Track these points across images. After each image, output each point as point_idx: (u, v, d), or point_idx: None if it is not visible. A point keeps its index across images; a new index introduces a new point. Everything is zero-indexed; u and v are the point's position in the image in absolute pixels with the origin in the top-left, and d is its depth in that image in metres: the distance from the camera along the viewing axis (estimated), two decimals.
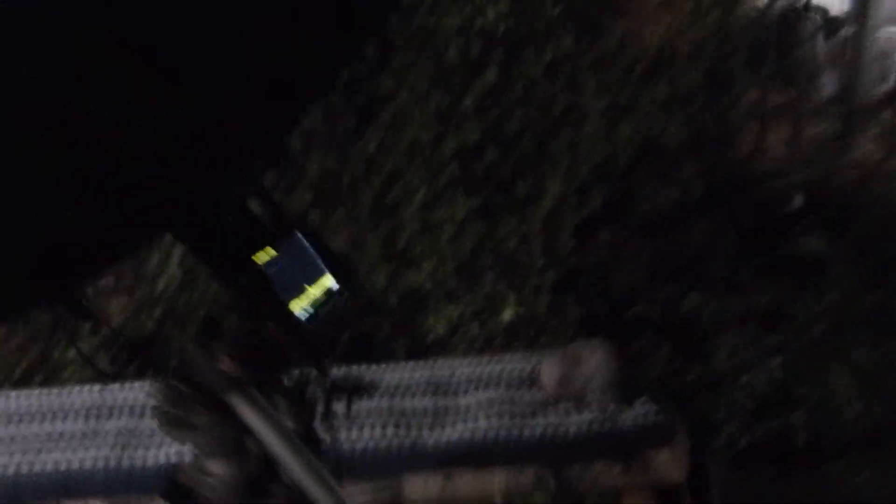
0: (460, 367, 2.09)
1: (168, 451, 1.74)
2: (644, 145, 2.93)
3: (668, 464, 1.74)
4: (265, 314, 0.75)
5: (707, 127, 3.03)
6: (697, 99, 2.99)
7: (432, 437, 1.74)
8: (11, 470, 1.64)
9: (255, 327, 0.75)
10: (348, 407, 1.90)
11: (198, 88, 0.72)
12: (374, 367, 2.12)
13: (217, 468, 0.85)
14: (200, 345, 0.71)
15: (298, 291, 0.78)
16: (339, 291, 0.85)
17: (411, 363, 2.14)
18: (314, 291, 0.80)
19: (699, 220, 3.04)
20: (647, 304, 2.98)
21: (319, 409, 1.90)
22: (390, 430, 1.76)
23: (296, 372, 2.05)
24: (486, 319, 3.04)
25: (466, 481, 1.74)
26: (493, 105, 2.96)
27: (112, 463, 1.68)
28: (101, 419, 1.86)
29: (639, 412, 1.79)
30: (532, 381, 1.98)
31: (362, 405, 1.91)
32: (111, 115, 0.65)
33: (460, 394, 1.94)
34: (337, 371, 2.09)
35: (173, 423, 0.79)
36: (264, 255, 0.76)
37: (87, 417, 1.89)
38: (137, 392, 2.06)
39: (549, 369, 1.97)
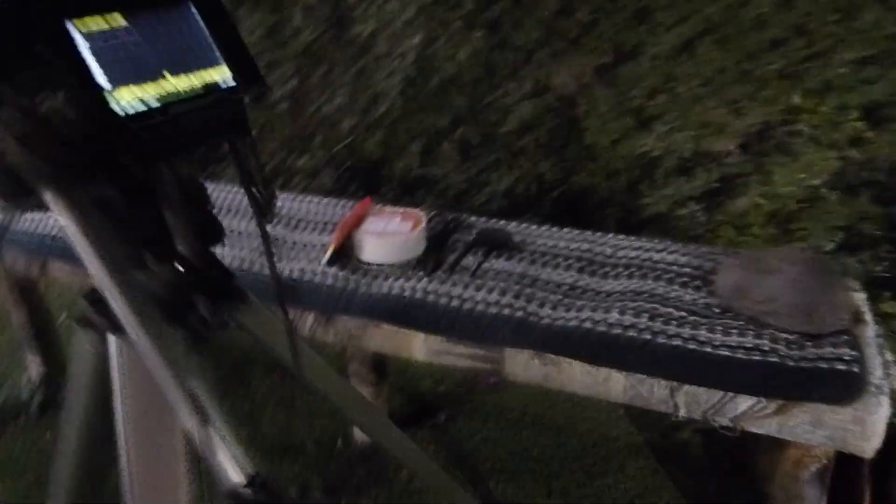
0: (626, 248, 1.74)
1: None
2: None
3: (848, 428, 1.29)
4: (71, 98, 0.57)
5: None
6: None
7: (555, 316, 1.49)
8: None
9: (53, 113, 0.58)
10: (480, 262, 1.72)
11: None
12: (532, 227, 1.88)
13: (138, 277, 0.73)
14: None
15: (146, 78, 0.58)
16: (230, 90, 0.63)
17: (574, 232, 1.85)
18: (178, 83, 0.60)
19: None
20: None
21: (452, 258, 1.74)
22: (509, 298, 1.55)
23: (435, 215, 1.90)
24: (718, 203, 2.56)
25: (576, 375, 1.48)
26: None
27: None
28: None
29: (827, 353, 1.32)
30: (704, 281, 1.58)
31: (497, 264, 1.71)
32: None
33: (609, 277, 1.62)
34: (486, 223, 1.89)
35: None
36: (98, 23, 0.57)
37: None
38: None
39: (727, 272, 1.54)
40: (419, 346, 1.61)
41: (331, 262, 1.73)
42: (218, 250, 0.81)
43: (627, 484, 1.90)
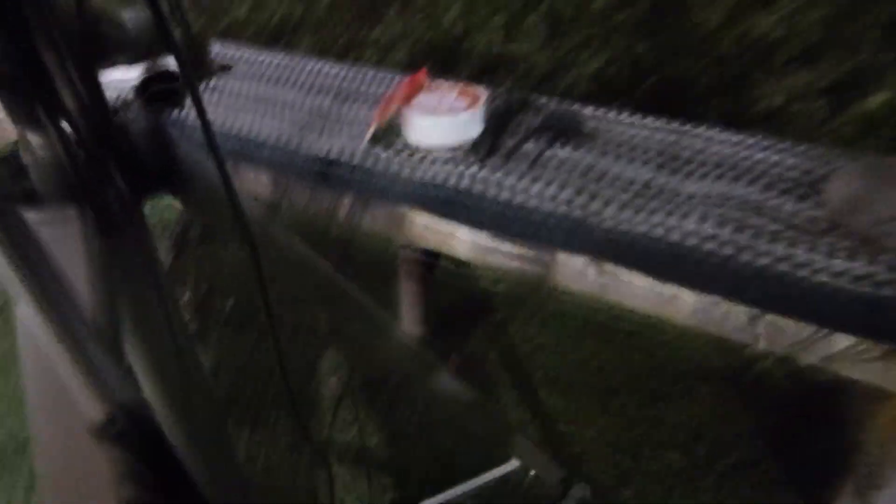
0: (721, 144, 1.47)
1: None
2: None
3: None
4: None
5: None
6: None
7: (619, 219, 1.27)
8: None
9: None
10: (542, 150, 1.49)
11: None
12: (610, 114, 1.61)
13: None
14: None
15: None
16: None
17: (660, 121, 1.57)
18: None
19: None
20: None
21: (510, 143, 1.52)
22: (569, 193, 1.33)
23: (500, 94, 1.65)
24: (845, 99, 2.18)
25: (637, 289, 1.27)
26: None
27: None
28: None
29: None
30: (812, 190, 1.30)
31: (561, 153, 1.48)
32: None
33: (693, 176, 1.37)
34: (558, 107, 1.64)
35: None
36: None
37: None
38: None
39: (843, 180, 1.26)
40: (462, 241, 1.43)
41: (373, 141, 1.54)
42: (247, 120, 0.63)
43: (694, 409, 1.71)
